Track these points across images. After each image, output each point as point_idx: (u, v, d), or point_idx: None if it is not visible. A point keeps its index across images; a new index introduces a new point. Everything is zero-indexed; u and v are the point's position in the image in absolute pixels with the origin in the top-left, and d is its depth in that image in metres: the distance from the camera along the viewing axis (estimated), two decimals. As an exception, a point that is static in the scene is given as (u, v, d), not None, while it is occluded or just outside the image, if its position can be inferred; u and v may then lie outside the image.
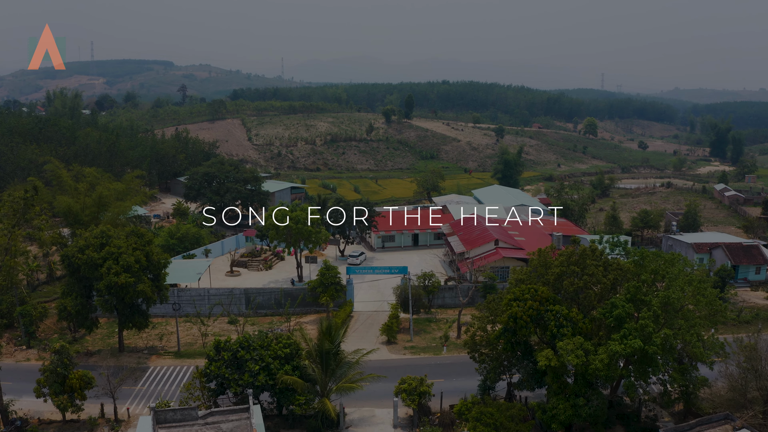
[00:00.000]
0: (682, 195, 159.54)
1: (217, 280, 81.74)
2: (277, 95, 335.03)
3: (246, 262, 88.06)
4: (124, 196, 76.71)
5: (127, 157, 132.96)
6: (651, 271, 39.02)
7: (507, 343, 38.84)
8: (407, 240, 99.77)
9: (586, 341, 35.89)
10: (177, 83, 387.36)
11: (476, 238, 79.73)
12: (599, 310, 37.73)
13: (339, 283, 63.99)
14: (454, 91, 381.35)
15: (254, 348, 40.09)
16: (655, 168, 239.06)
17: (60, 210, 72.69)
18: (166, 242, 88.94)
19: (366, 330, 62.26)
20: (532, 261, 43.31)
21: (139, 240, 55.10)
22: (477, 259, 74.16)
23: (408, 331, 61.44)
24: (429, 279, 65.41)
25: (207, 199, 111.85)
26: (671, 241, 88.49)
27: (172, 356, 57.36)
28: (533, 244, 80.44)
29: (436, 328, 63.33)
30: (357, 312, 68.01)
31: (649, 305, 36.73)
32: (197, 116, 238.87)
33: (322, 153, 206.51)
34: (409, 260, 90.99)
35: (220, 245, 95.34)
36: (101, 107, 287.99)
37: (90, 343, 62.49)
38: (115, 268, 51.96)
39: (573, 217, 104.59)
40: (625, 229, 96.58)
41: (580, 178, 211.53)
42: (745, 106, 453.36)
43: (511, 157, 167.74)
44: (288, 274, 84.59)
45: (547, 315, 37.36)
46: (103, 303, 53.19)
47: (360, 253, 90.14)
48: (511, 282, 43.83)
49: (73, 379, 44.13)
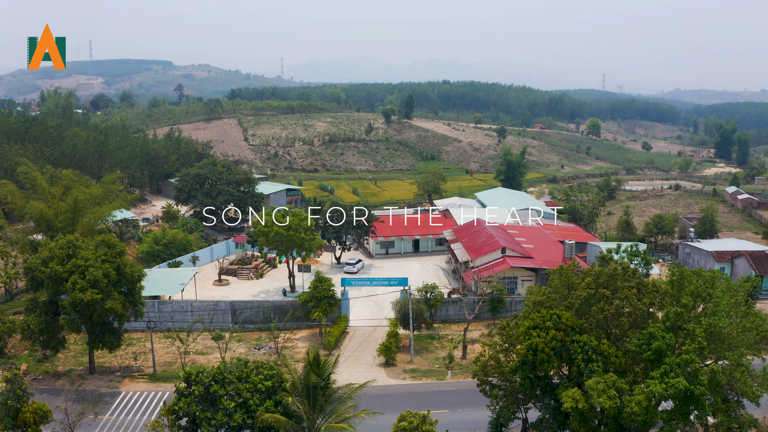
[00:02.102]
0: (692, 198, 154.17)
1: (204, 290, 76.27)
2: (275, 95, 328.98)
3: (235, 270, 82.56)
4: (102, 200, 71.04)
5: (116, 157, 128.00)
6: (691, 293, 33.50)
7: (525, 379, 33.23)
8: (407, 246, 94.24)
9: (620, 379, 30.35)
10: (176, 83, 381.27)
11: (481, 246, 74.20)
12: (634, 341, 32.08)
13: (333, 296, 58.44)
14: (455, 91, 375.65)
15: (230, 381, 34.60)
16: (660, 169, 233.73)
17: (32, 215, 67.20)
18: (151, 249, 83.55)
19: (362, 349, 56.76)
20: (552, 280, 37.64)
21: (109, 251, 49.58)
22: (483, 268, 68.66)
23: (408, 350, 56.00)
24: (431, 292, 59.84)
25: (198, 202, 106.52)
26: (689, 248, 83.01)
27: (147, 379, 51.84)
28: (542, 252, 75.05)
29: (439, 347, 57.80)
30: (353, 327, 62.51)
31: (692, 335, 31.26)
32: (193, 116, 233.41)
33: (320, 154, 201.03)
34: (410, 268, 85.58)
35: (209, 251, 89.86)
36: (96, 107, 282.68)
37: (61, 361, 57.13)
38: (81, 283, 46.48)
39: (582, 222, 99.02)
40: (638, 235, 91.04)
41: (584, 179, 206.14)
42: (748, 107, 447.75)
43: (515, 158, 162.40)
44: (280, 283, 79.14)
45: (573, 347, 31.86)
46: (69, 322, 47.69)
47: (357, 261, 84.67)
48: (527, 304, 38.13)
49: (27, 412, 38.60)
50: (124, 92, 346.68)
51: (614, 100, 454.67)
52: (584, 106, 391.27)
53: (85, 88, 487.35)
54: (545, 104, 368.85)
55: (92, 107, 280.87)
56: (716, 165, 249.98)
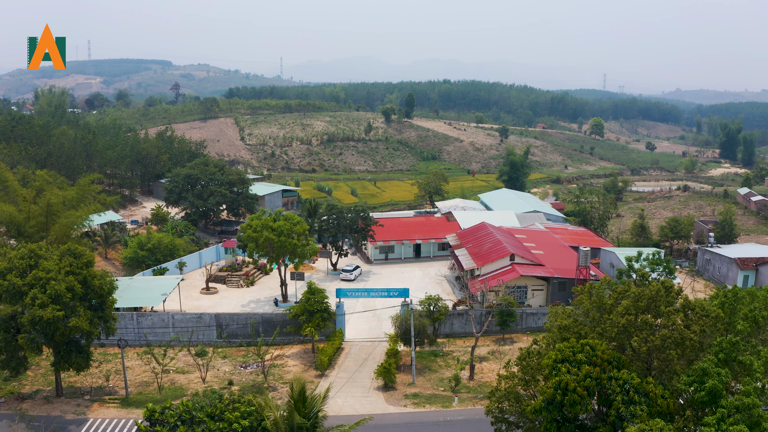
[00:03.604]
0: (702, 200, 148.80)
1: (191, 299, 71.02)
2: (274, 94, 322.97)
3: (225, 278, 77.26)
4: (78, 203, 65.62)
5: (105, 157, 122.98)
6: (745, 317, 28.28)
7: (551, 422, 27.87)
8: (408, 251, 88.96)
9: (668, 425, 25.05)
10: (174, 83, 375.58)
11: (488, 252, 68.87)
12: (684, 379, 26.77)
13: (327, 309, 53.07)
14: (456, 91, 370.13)
15: (200, 420, 29.37)
16: (665, 170, 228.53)
17: (1, 220, 61.88)
18: (135, 254, 78.33)
19: (359, 369, 51.49)
20: (581, 301, 32.24)
21: (75, 261, 44.26)
22: (490, 277, 63.34)
23: (409, 369, 50.77)
24: (435, 304, 54.54)
25: (189, 203, 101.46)
26: (708, 254, 77.75)
27: (119, 404, 46.45)
28: (554, 259, 69.79)
29: (443, 365, 52.47)
30: (349, 343, 57.19)
31: (750, 371, 26.05)
32: (189, 115, 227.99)
33: (318, 153, 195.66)
34: (411, 275, 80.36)
35: (197, 257, 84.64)
36: (92, 106, 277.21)
37: (30, 380, 51.91)
38: (41, 298, 41.19)
39: (593, 226, 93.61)
40: (653, 240, 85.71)
41: (588, 180, 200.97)
42: (751, 107, 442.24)
43: (518, 158, 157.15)
44: (272, 291, 73.87)
45: (611, 385, 26.62)
46: (28, 341, 42.36)
47: (355, 267, 79.40)
48: (551, 329, 32.74)
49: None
50: (119, 91, 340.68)
51: (616, 100, 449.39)
52: (586, 105, 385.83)
53: (83, 88, 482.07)
54: (547, 104, 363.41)
55: (87, 106, 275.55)
56: (722, 165, 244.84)
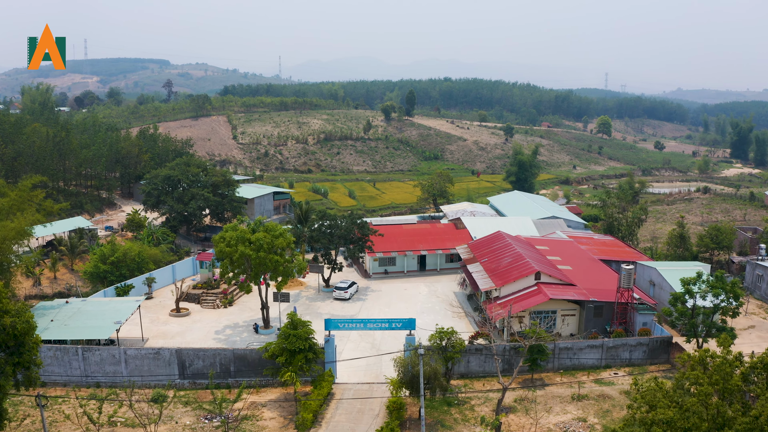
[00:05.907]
0: (726, 203, 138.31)
1: (157, 324, 60.28)
2: (270, 92, 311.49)
3: (199, 296, 66.46)
4: (16, 211, 54.73)
5: (80, 156, 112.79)
6: None
7: None
8: (412, 264, 78.18)
9: None
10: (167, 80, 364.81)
11: (508, 269, 57.99)
12: None
13: (312, 348, 42.24)
14: (457, 89, 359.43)
15: None
16: (677, 170, 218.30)
17: None
18: (96, 269, 67.61)
19: (353, 426, 40.62)
20: (697, 379, 21.37)
21: (-25, 293, 33.58)
22: (513, 300, 52.65)
23: (416, 424, 40.05)
24: (448, 338, 43.78)
25: (168, 208, 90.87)
26: (760, 269, 67.04)
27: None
28: (585, 277, 58.95)
29: (459, 418, 41.56)
30: (341, 386, 46.25)
31: None
32: (180, 113, 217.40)
33: (314, 153, 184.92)
34: (415, 292, 69.65)
35: (170, 270, 73.80)
36: (81, 104, 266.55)
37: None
38: None
39: (620, 233, 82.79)
40: (693, 251, 74.95)
41: (599, 181, 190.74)
42: (756, 106, 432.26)
43: (526, 158, 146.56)
44: (253, 313, 63.08)
45: None
46: None
47: (350, 284, 68.58)
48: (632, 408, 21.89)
49: None
50: (111, 89, 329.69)
51: (621, 99, 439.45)
52: (591, 104, 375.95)
53: (79, 87, 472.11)
54: (551, 102, 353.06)
55: (77, 104, 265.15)
56: (733, 165, 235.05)
